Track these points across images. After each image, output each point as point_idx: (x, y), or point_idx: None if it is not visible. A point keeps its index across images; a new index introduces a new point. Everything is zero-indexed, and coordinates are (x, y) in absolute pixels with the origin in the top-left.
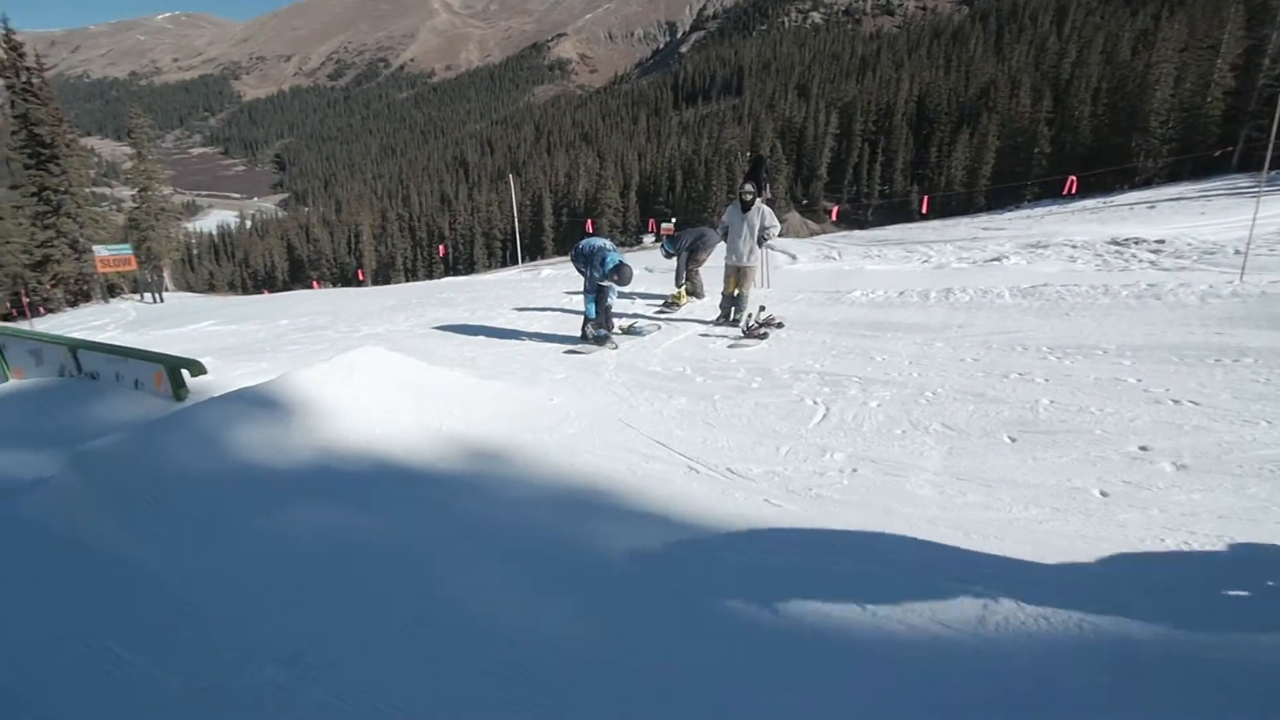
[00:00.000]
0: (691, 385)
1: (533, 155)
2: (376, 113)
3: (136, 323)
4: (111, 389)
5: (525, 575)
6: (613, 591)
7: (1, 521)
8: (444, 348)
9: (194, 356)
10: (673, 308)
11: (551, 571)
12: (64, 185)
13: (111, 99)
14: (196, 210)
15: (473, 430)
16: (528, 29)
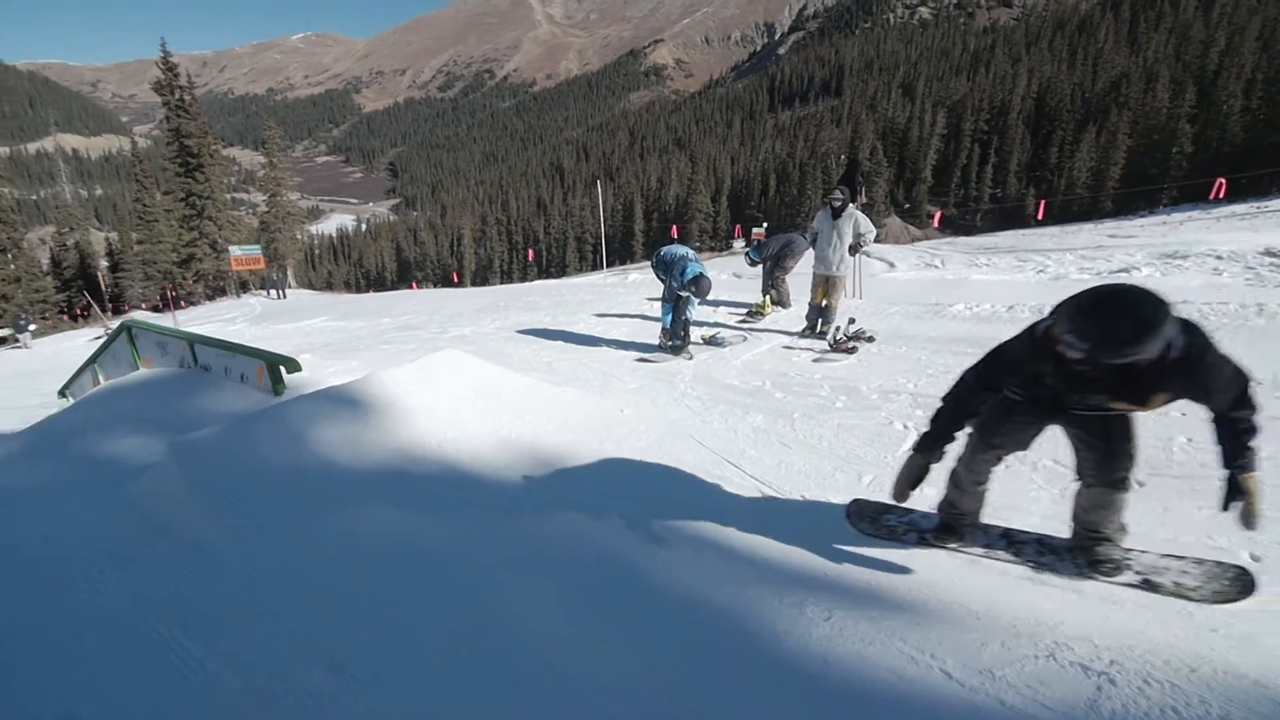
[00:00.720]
0: (770, 401)
1: (626, 160)
2: (481, 121)
3: (261, 317)
4: (220, 381)
5: (579, 603)
6: (669, 637)
7: (113, 506)
8: (523, 352)
9: (303, 351)
10: (756, 317)
11: (607, 601)
12: (207, 191)
13: (251, 113)
14: (319, 214)
15: (541, 439)
16: (625, 36)
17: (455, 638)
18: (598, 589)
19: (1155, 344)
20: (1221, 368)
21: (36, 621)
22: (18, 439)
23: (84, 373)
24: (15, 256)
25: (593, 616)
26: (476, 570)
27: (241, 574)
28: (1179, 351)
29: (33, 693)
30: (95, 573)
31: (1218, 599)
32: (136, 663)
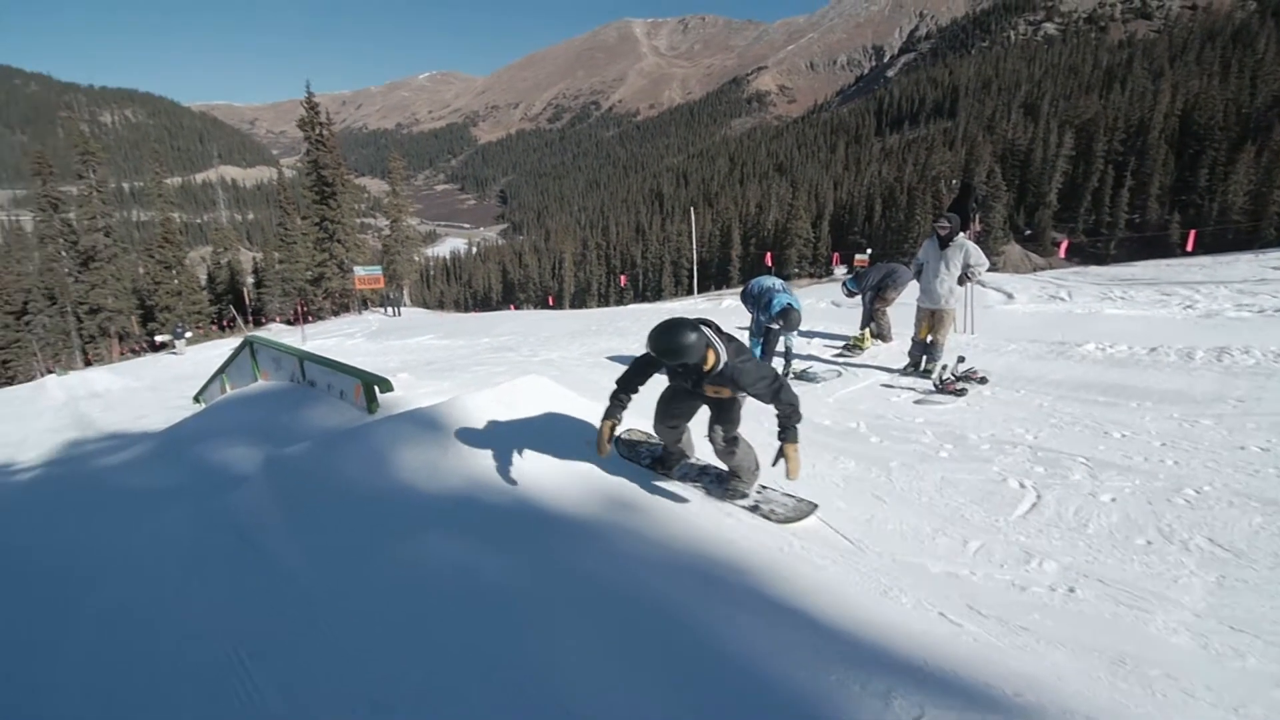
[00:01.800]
0: (864, 446)
1: (725, 186)
2: (586, 150)
3: (377, 333)
4: (323, 397)
5: (644, 663)
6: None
7: (212, 514)
8: (607, 379)
9: (407, 368)
10: (854, 351)
11: (674, 665)
12: (338, 217)
13: (381, 146)
14: (435, 238)
15: (615, 475)
16: (729, 65)
17: (506, 689)
18: (664, 650)
19: (689, 355)
20: (753, 374)
21: (116, 622)
22: (155, 440)
23: (214, 381)
24: (179, 272)
25: (660, 684)
26: (537, 614)
27: (311, 597)
28: (722, 363)
29: (83, 690)
30: (183, 580)
31: (789, 520)
32: (201, 683)
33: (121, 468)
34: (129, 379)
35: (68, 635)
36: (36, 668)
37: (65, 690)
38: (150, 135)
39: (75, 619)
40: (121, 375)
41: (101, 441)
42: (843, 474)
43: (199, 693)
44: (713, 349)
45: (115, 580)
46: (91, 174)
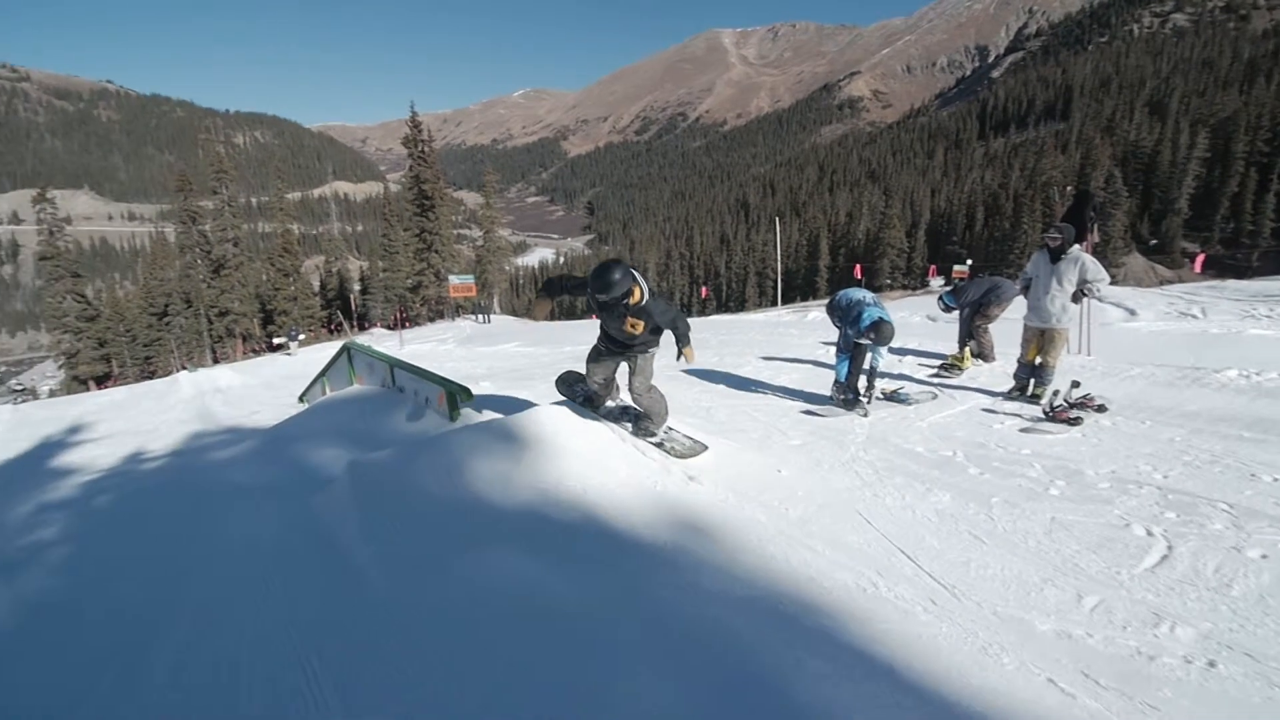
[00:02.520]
0: (962, 477)
1: (814, 195)
2: (672, 161)
3: (468, 339)
4: (410, 403)
5: (703, 699)
6: None
7: (299, 513)
8: (683, 393)
9: (492, 375)
10: (952, 372)
11: (738, 712)
12: (436, 228)
13: (477, 160)
14: (525, 248)
15: (686, 495)
16: (820, 71)
17: (564, 716)
18: (728, 690)
19: (618, 289)
20: (663, 309)
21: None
22: (261, 437)
23: (317, 383)
24: (295, 280)
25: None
26: (601, 639)
27: (379, 603)
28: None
29: (146, 685)
30: (266, 577)
31: (687, 456)
32: (266, 680)
33: (229, 463)
34: (248, 377)
35: (161, 626)
36: (132, 653)
37: (152, 678)
38: (275, 154)
39: (170, 611)
40: (242, 373)
41: (218, 435)
42: (935, 508)
43: (263, 690)
44: (637, 285)
45: (209, 574)
46: (224, 190)
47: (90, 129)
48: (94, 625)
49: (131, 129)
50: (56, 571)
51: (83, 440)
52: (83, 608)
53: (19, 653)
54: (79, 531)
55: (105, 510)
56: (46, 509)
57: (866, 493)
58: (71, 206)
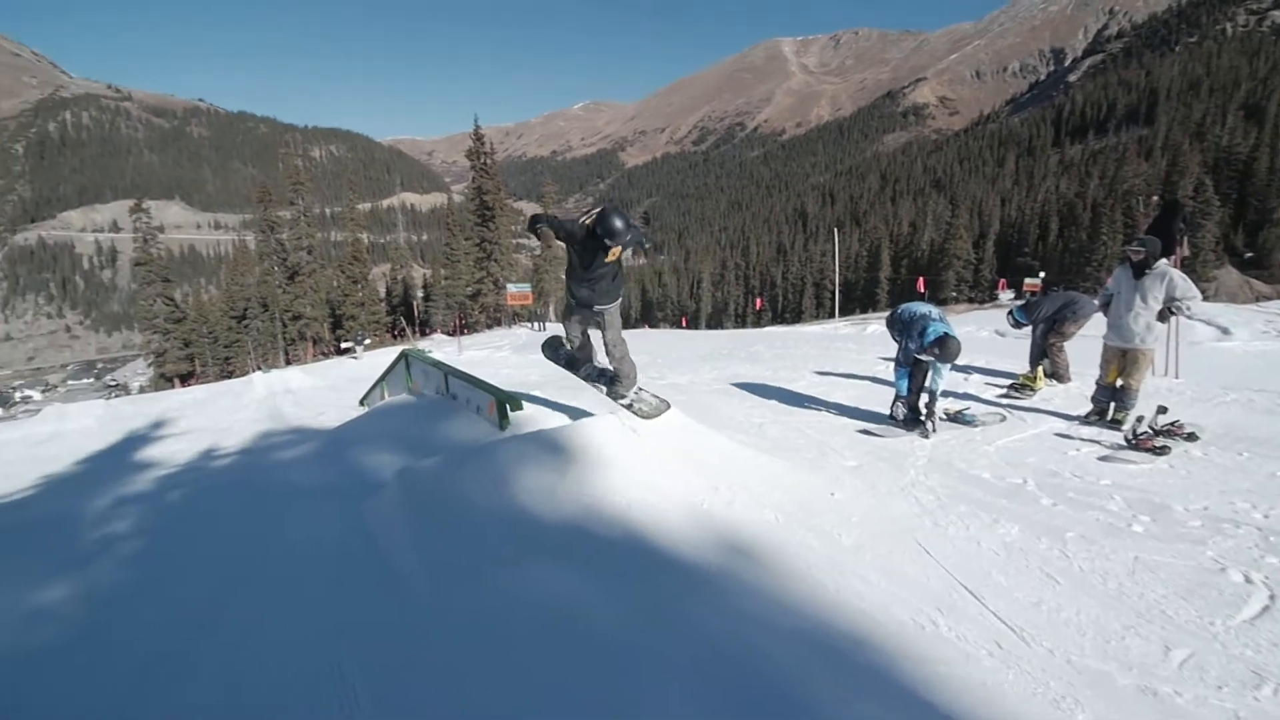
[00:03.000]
0: (1033, 508)
1: (875, 205)
2: (729, 171)
3: (523, 346)
4: (463, 410)
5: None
6: None
7: (351, 518)
8: (734, 408)
9: (545, 382)
10: (1023, 392)
11: None
12: (495, 238)
13: (537, 172)
14: None
15: (734, 515)
16: (883, 78)
17: None
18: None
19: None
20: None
21: (253, 618)
22: (322, 439)
23: (376, 388)
24: (363, 286)
25: None
26: (639, 663)
27: (420, 612)
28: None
29: (214, 679)
30: (315, 580)
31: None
32: (304, 686)
33: (291, 464)
34: (316, 379)
35: (214, 626)
36: (184, 653)
37: (199, 679)
38: (348, 167)
39: (224, 611)
40: (311, 375)
41: (285, 435)
42: (1003, 541)
43: (302, 697)
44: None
45: (264, 575)
46: (300, 201)
47: (183, 144)
48: (151, 623)
49: (220, 144)
50: (125, 565)
51: (164, 435)
52: (144, 604)
53: (79, 647)
54: (150, 526)
55: (176, 506)
56: (124, 502)
57: (927, 521)
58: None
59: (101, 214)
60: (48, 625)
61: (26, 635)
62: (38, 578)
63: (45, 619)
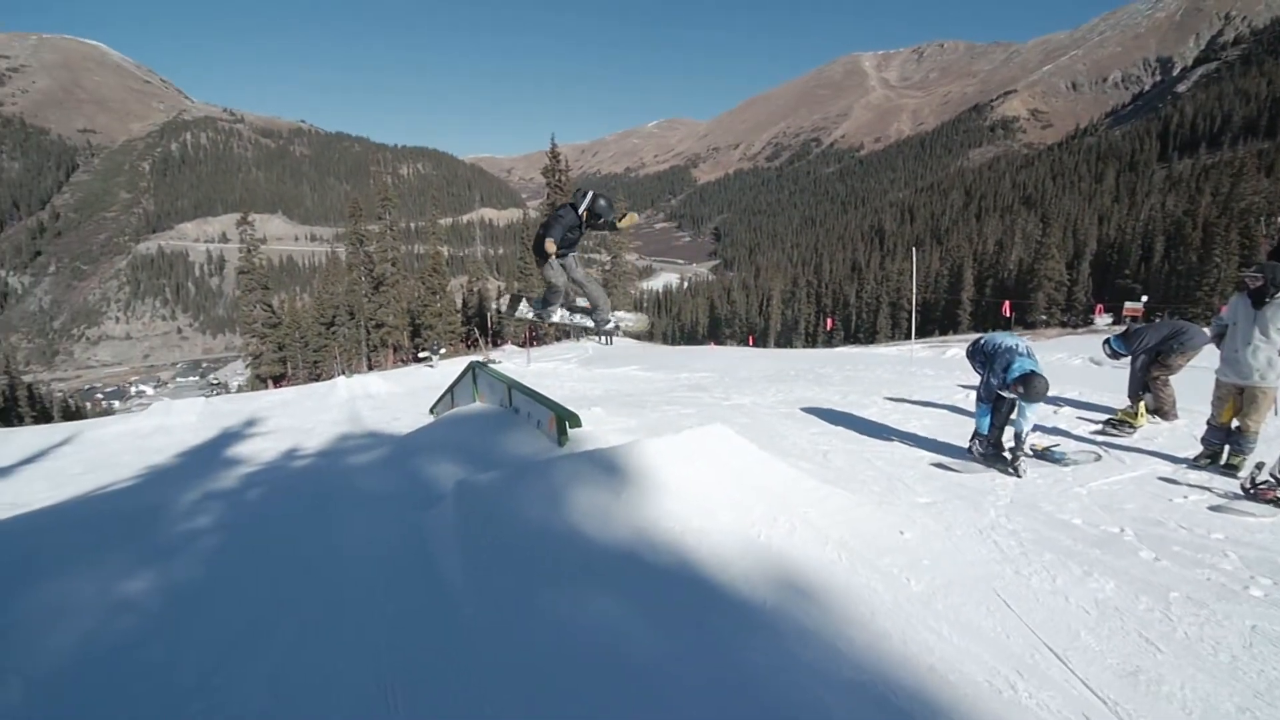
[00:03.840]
0: (1130, 561)
1: (958, 222)
2: (803, 188)
3: (590, 360)
4: (524, 424)
5: None
6: None
7: (409, 528)
8: (799, 433)
9: (607, 397)
10: (1121, 430)
11: None
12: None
13: (610, 188)
14: (650, 273)
15: (793, 549)
16: (969, 91)
17: None
18: None
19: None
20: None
21: (303, 623)
22: (393, 445)
23: (445, 397)
24: (441, 297)
25: None
26: (685, 706)
27: (468, 637)
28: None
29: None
30: (371, 592)
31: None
32: (358, 707)
33: (362, 469)
34: (394, 385)
35: (272, 630)
36: (242, 655)
37: (254, 682)
38: (432, 184)
39: (282, 616)
40: (389, 381)
41: (360, 438)
42: (1095, 597)
43: (346, 712)
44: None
45: (324, 580)
46: (387, 215)
47: (286, 162)
48: (217, 622)
49: (318, 162)
50: (200, 561)
51: (254, 434)
52: (212, 602)
53: (149, 643)
54: (228, 523)
55: (252, 505)
56: (209, 497)
57: (1007, 569)
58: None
59: (213, 226)
60: (127, 617)
61: (108, 624)
62: (126, 568)
63: (126, 610)
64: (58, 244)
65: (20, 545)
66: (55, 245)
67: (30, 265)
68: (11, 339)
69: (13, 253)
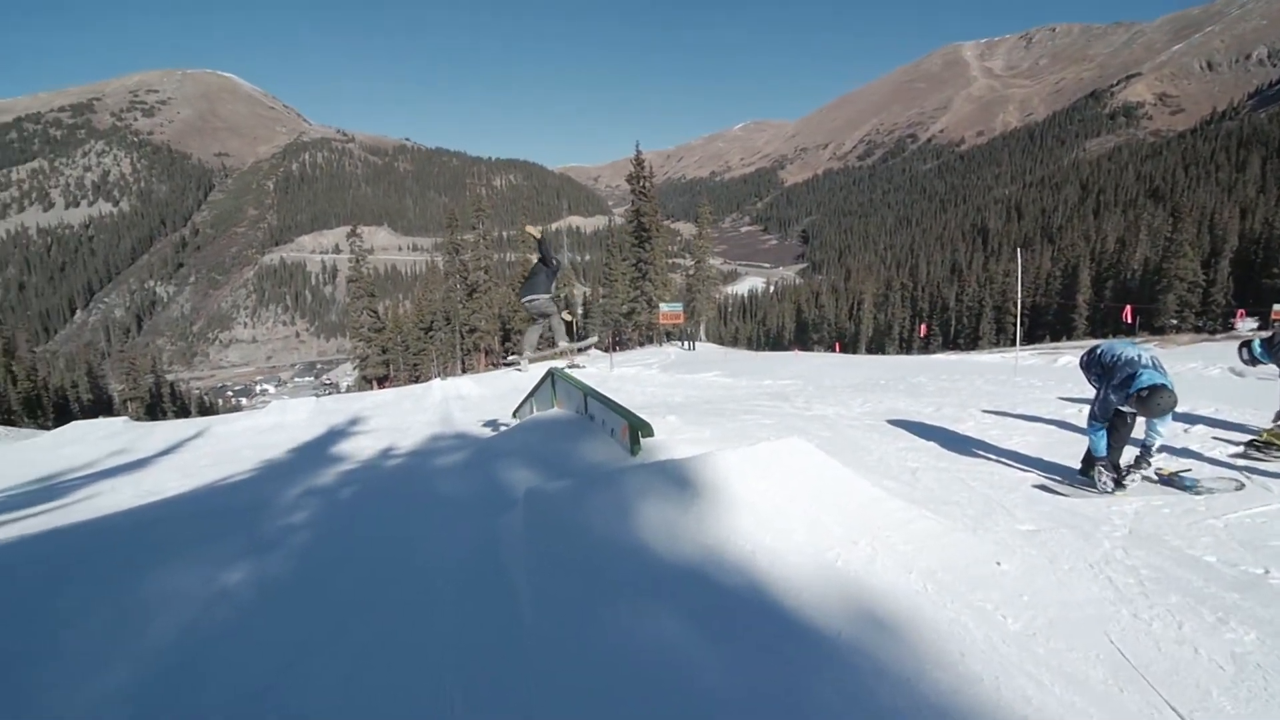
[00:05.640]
0: (1278, 610)
1: (1073, 218)
2: (898, 186)
3: (672, 365)
4: (598, 432)
5: None
6: None
7: (483, 535)
8: (886, 448)
9: (687, 404)
10: (1267, 453)
11: None
12: (651, 258)
13: (695, 193)
14: (735, 277)
15: (873, 576)
16: (1086, 77)
17: None
18: None
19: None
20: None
21: (377, 626)
22: (475, 449)
23: (527, 402)
24: None
25: None
26: None
27: (531, 650)
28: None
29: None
30: (442, 598)
31: None
32: (422, 715)
33: (447, 470)
34: (484, 388)
35: (347, 630)
36: (318, 655)
37: (327, 684)
38: (523, 194)
39: (358, 617)
40: (480, 384)
41: (449, 439)
42: (1231, 650)
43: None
44: None
45: (400, 583)
46: (481, 225)
47: (391, 178)
48: (299, 619)
49: (420, 176)
50: (292, 558)
51: (356, 432)
52: (298, 599)
53: (237, 635)
54: (321, 521)
55: (346, 504)
56: (309, 494)
57: (1123, 611)
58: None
59: (327, 238)
60: (223, 607)
61: (206, 614)
62: (229, 560)
63: (223, 601)
64: (197, 257)
65: (148, 534)
66: (195, 258)
67: (174, 276)
68: (158, 342)
69: (160, 265)
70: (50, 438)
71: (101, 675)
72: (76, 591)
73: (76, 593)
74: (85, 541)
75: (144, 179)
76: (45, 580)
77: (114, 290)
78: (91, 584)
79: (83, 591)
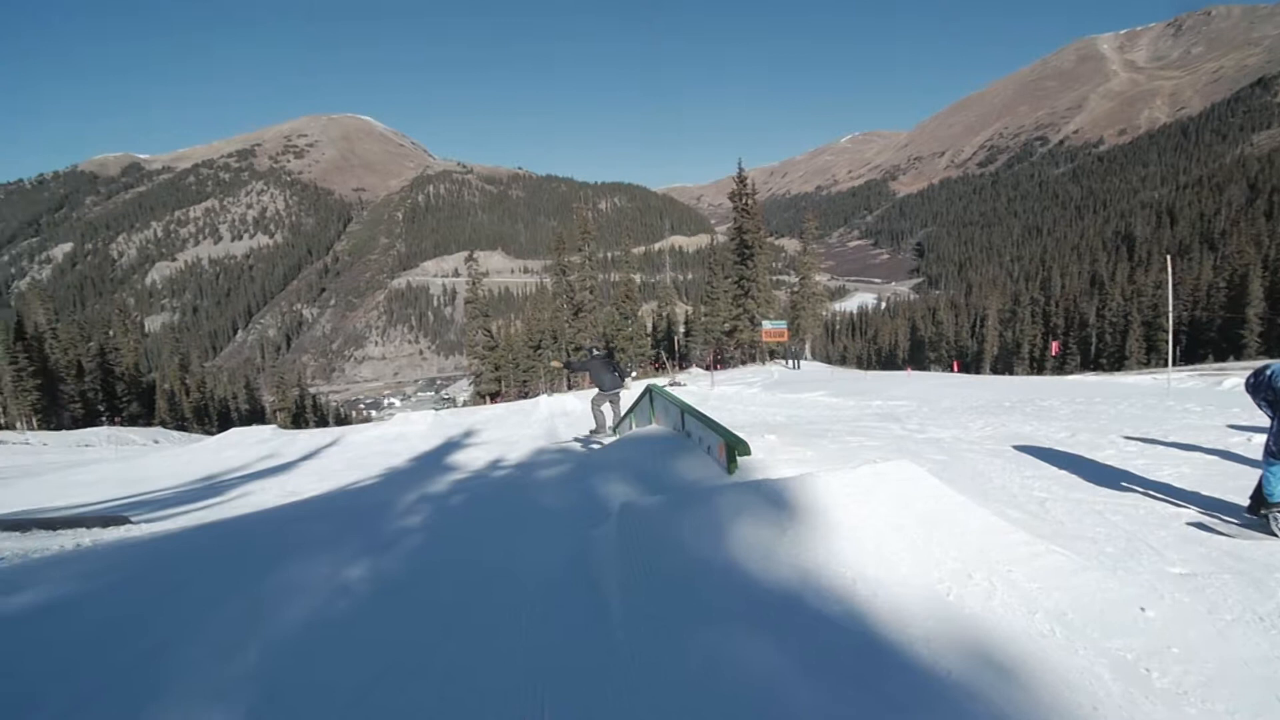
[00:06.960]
0: None
1: (1238, 223)
2: (1025, 193)
3: (775, 384)
4: (695, 449)
5: None
6: None
7: (578, 547)
8: (1009, 476)
9: (789, 423)
10: None
11: None
12: (754, 275)
13: (800, 208)
14: (844, 293)
15: (991, 614)
16: (1250, 63)
17: None
18: None
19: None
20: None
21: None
22: (574, 462)
23: (627, 418)
24: (633, 322)
25: None
26: None
27: (618, 670)
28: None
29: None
30: (536, 613)
31: None
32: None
33: (549, 482)
34: (587, 404)
35: (447, 637)
36: (411, 666)
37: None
38: (627, 216)
39: (453, 627)
40: (583, 400)
41: (552, 454)
42: None
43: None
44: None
45: (499, 591)
46: (586, 248)
47: (505, 205)
48: (407, 618)
49: (531, 202)
50: (404, 559)
51: (469, 444)
52: (407, 598)
53: (350, 630)
54: (432, 525)
55: (456, 510)
56: (424, 499)
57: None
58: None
59: (448, 263)
60: (343, 601)
61: (326, 608)
62: (351, 556)
63: (344, 594)
64: (336, 282)
65: (285, 531)
66: (335, 283)
67: (317, 299)
68: (303, 359)
69: (306, 290)
70: (214, 442)
71: (234, 659)
72: (222, 579)
73: (222, 580)
74: (233, 535)
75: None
76: (198, 569)
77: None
78: (235, 573)
79: (226, 580)
